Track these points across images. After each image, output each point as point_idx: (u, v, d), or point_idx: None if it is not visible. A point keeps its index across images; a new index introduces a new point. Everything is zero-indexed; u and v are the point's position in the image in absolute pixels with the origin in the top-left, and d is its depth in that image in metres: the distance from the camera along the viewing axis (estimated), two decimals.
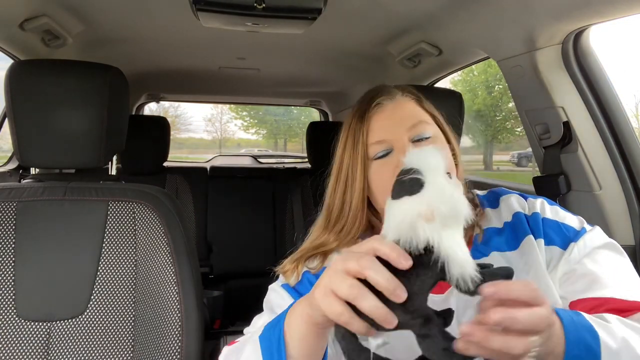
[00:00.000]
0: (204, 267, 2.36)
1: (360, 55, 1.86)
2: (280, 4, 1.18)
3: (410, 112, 0.76)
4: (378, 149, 0.74)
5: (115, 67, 1.08)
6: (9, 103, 1.01)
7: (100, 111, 1.04)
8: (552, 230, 0.73)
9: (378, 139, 0.74)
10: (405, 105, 0.77)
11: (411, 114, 0.75)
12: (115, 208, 1.05)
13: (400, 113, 0.75)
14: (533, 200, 0.78)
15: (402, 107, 0.76)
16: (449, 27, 1.38)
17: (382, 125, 0.75)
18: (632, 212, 1.18)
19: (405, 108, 0.76)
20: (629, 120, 1.20)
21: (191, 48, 1.84)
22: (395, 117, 0.75)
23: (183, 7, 1.24)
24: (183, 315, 1.01)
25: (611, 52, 1.74)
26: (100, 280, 1.02)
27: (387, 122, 0.74)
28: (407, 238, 0.48)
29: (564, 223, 0.74)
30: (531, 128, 1.32)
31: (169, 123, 2.40)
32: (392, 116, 0.75)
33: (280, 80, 2.58)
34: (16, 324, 0.98)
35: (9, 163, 1.86)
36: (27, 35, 1.35)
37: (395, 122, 0.74)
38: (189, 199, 2.41)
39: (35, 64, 1.12)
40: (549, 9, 1.05)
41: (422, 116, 0.76)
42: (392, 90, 0.79)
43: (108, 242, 1.04)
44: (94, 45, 1.64)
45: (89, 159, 1.06)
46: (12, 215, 1.02)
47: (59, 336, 0.99)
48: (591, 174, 1.20)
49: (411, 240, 0.48)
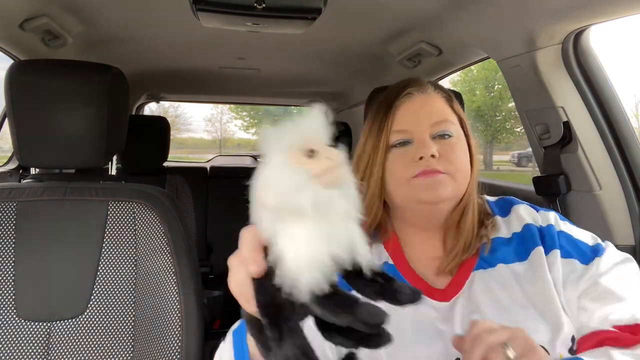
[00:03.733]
0: (204, 267, 2.36)
1: (360, 55, 1.86)
2: (280, 4, 1.18)
3: (438, 108, 0.75)
4: (398, 137, 0.73)
5: (115, 67, 1.08)
6: (9, 103, 1.01)
7: (100, 111, 1.04)
8: (569, 243, 0.73)
9: (401, 127, 0.73)
10: (435, 101, 0.76)
11: (439, 111, 0.74)
12: (115, 208, 1.05)
13: (428, 107, 0.74)
14: (546, 213, 0.77)
15: (432, 102, 0.75)
16: (449, 27, 1.38)
17: (407, 115, 0.74)
18: (632, 212, 1.18)
19: (434, 104, 0.75)
20: (629, 120, 1.20)
21: (191, 48, 1.84)
22: (423, 110, 0.74)
23: (183, 7, 1.24)
24: (183, 315, 1.01)
25: (611, 52, 1.74)
26: (100, 280, 1.02)
27: (413, 113, 0.74)
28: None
29: (579, 238, 0.74)
30: (531, 128, 1.32)
31: (169, 123, 2.40)
32: (419, 108, 0.74)
33: (280, 80, 2.58)
34: (16, 324, 0.98)
35: (9, 163, 1.86)
36: (27, 35, 1.34)
37: (421, 114, 0.73)
38: (189, 199, 2.41)
39: (35, 64, 1.12)
40: (549, 9, 1.05)
41: (449, 115, 0.75)
42: (425, 84, 0.78)
43: (108, 242, 1.04)
44: (94, 45, 1.64)
45: (89, 159, 1.06)
46: (12, 215, 1.02)
47: (59, 336, 0.99)
48: (591, 174, 1.20)
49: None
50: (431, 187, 0.70)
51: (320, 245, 0.37)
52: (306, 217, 0.36)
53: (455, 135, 0.74)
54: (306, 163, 0.37)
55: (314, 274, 0.36)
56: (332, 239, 0.37)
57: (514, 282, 0.70)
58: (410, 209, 0.74)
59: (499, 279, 0.70)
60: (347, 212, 0.38)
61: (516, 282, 0.70)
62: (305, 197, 0.36)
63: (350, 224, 0.38)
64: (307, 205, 0.36)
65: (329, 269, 0.37)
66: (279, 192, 0.37)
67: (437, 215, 0.74)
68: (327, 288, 0.37)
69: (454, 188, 0.71)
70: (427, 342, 0.66)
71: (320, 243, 0.37)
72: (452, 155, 0.71)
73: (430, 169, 0.69)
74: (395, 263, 0.75)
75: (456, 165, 0.71)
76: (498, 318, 0.65)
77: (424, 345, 0.66)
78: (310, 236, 0.37)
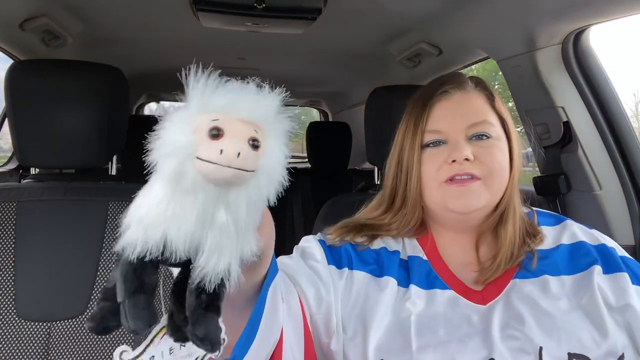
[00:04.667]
0: None
1: (360, 55, 1.86)
2: (280, 4, 1.18)
3: (476, 108, 0.70)
4: (432, 137, 0.70)
5: (115, 67, 1.08)
6: (9, 103, 1.01)
7: (100, 111, 1.04)
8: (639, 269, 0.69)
9: (435, 127, 0.70)
10: (473, 99, 0.71)
11: (477, 111, 0.70)
12: (115, 208, 1.05)
13: (465, 106, 0.70)
14: (604, 236, 0.74)
15: (470, 101, 0.71)
16: (449, 27, 1.38)
17: (443, 114, 0.70)
18: (632, 212, 1.18)
19: (472, 102, 0.71)
20: (629, 120, 1.20)
21: (191, 48, 1.84)
22: (460, 109, 0.70)
23: (183, 7, 1.24)
24: None
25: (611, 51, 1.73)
26: (100, 280, 1.02)
27: (449, 112, 0.70)
28: None
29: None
30: (531, 128, 1.32)
31: None
32: (456, 107, 0.70)
33: (280, 80, 2.57)
34: (16, 324, 0.98)
35: (9, 163, 1.86)
36: (27, 35, 1.34)
37: (457, 114, 0.69)
38: None
39: (35, 64, 1.12)
40: (549, 9, 1.05)
41: (488, 116, 0.70)
42: (465, 80, 0.73)
43: (108, 242, 1.04)
44: (94, 45, 1.64)
45: (89, 159, 1.06)
46: (12, 215, 1.02)
47: (59, 336, 0.99)
48: (591, 174, 1.20)
49: None
50: (462, 196, 0.66)
51: (173, 229, 0.34)
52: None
53: (494, 137, 0.69)
54: (202, 143, 0.32)
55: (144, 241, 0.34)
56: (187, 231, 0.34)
57: (562, 294, 0.66)
58: (440, 213, 0.72)
59: (542, 289, 0.67)
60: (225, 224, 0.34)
61: (564, 294, 0.66)
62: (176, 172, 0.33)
63: (231, 237, 0.35)
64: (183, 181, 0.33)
65: (156, 246, 0.34)
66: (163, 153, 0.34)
67: (470, 222, 0.71)
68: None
69: (487, 197, 0.67)
70: (460, 342, 0.63)
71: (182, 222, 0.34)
72: (488, 158, 0.67)
73: (462, 172, 0.66)
74: (430, 260, 0.72)
75: (492, 169, 0.67)
76: (541, 324, 0.63)
77: (456, 344, 0.63)
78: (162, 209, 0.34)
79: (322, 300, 0.64)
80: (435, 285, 0.69)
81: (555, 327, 0.63)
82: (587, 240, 0.71)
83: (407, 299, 0.67)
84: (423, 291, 0.68)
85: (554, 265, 0.69)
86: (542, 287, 0.67)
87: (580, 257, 0.69)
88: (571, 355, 0.60)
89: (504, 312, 0.65)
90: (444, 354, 0.62)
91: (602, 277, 0.67)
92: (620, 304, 0.64)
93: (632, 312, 0.64)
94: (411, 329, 0.64)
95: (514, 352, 0.61)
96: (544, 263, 0.69)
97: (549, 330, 0.62)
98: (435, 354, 0.62)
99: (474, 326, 0.65)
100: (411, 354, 0.62)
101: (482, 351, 0.62)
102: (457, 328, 0.64)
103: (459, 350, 0.62)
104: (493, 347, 0.62)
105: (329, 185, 2.42)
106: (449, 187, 0.67)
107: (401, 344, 0.63)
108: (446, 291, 0.68)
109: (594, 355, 0.61)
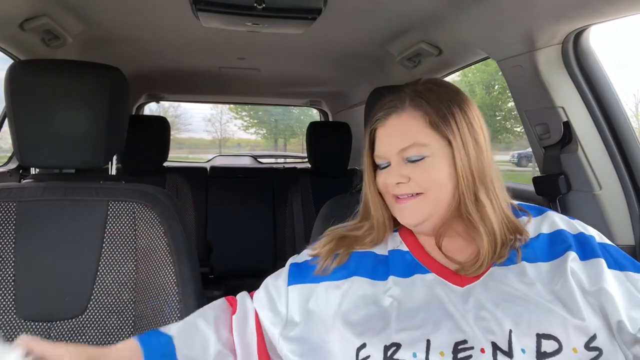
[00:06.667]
0: (204, 267, 2.36)
1: (360, 55, 1.86)
2: (281, 4, 1.18)
3: (405, 131, 0.73)
4: (379, 160, 0.78)
5: (115, 67, 1.08)
6: (9, 103, 1.01)
7: (100, 111, 1.03)
8: (620, 255, 0.72)
9: (378, 153, 0.77)
10: (404, 122, 0.74)
11: (406, 134, 0.73)
12: (115, 208, 1.05)
13: (396, 131, 0.74)
14: (585, 225, 0.76)
15: (400, 125, 0.74)
16: (448, 27, 1.38)
17: (381, 141, 0.77)
18: (632, 212, 1.18)
19: (402, 126, 0.74)
20: (629, 120, 1.20)
21: (191, 48, 1.84)
22: (392, 135, 0.75)
23: (183, 7, 1.24)
24: (183, 315, 1.00)
25: (611, 51, 1.74)
26: (100, 280, 1.02)
27: (385, 138, 0.76)
28: None
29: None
30: (531, 128, 1.32)
31: (169, 123, 2.40)
32: (389, 133, 0.75)
33: (280, 80, 2.58)
34: (16, 324, 0.98)
35: (9, 163, 1.86)
36: (27, 35, 1.34)
37: (391, 140, 0.75)
38: (189, 199, 2.40)
39: (35, 64, 1.12)
40: (549, 9, 1.05)
41: (418, 137, 0.72)
42: (401, 100, 0.75)
43: (108, 242, 1.04)
44: (94, 45, 1.64)
45: (89, 159, 1.06)
46: (12, 215, 1.02)
47: (59, 336, 0.99)
48: (591, 174, 1.20)
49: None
50: (404, 214, 0.75)
51: None
52: None
53: (429, 154, 0.72)
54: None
55: None
56: None
57: (536, 280, 0.69)
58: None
59: (519, 275, 0.70)
60: None
61: (538, 279, 0.69)
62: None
63: None
64: None
65: None
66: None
67: (427, 229, 0.76)
68: None
69: (428, 210, 0.73)
70: (436, 324, 0.67)
71: None
72: (423, 177, 0.72)
73: (400, 193, 0.74)
74: (410, 249, 0.78)
75: (427, 186, 0.72)
76: (512, 308, 0.66)
77: (432, 325, 0.67)
78: None
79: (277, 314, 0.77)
80: (416, 271, 0.75)
81: (527, 310, 0.66)
82: (566, 229, 0.74)
83: (387, 289, 0.74)
84: (403, 279, 0.74)
85: (532, 253, 0.72)
86: (519, 273, 0.70)
87: (557, 244, 0.73)
88: (539, 335, 0.64)
89: (480, 295, 0.69)
90: (421, 335, 0.66)
91: (578, 263, 0.70)
92: (595, 288, 0.67)
93: (605, 295, 0.67)
94: (392, 315, 0.70)
95: (486, 334, 0.65)
96: (524, 252, 0.73)
97: (520, 313, 0.66)
98: (412, 335, 0.67)
99: (450, 308, 0.69)
100: (390, 334, 0.67)
101: (456, 333, 0.66)
102: (435, 310, 0.69)
103: (434, 331, 0.66)
104: (465, 329, 0.66)
105: (329, 185, 2.42)
106: (397, 204, 0.75)
107: (381, 328, 0.69)
108: (427, 275, 0.74)
109: (564, 336, 0.64)
